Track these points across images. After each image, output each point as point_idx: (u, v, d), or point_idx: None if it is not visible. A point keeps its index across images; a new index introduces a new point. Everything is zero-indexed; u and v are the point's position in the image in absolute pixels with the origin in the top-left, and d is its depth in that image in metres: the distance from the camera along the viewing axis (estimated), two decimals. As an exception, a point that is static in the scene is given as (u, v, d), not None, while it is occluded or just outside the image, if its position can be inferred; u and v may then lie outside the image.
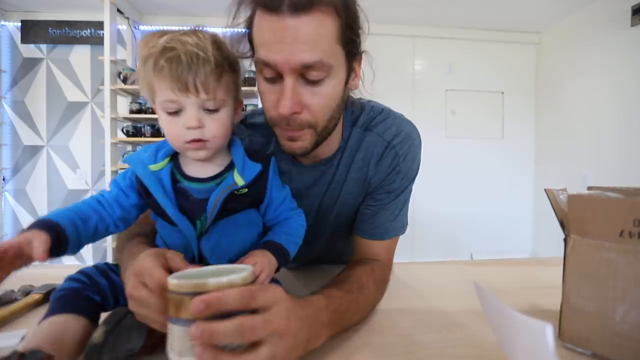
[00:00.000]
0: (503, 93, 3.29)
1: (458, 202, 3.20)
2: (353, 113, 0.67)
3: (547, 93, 3.17)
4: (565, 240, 0.46)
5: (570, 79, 2.88)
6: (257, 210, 0.55)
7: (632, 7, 2.31)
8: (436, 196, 3.06)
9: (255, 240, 0.54)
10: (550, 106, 3.13)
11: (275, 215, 0.55)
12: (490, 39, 3.22)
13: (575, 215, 0.45)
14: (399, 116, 0.69)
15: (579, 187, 0.46)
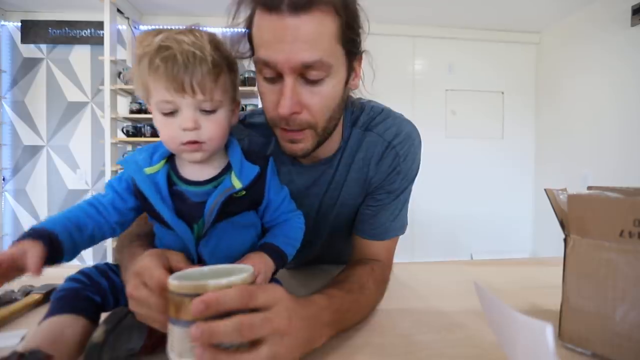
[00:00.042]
0: (503, 93, 3.29)
1: (458, 202, 3.20)
2: (353, 113, 0.67)
3: (547, 93, 3.17)
4: (565, 240, 0.46)
5: (570, 78, 2.88)
6: (256, 211, 0.54)
7: (632, 7, 2.31)
8: (436, 196, 3.06)
9: (254, 241, 0.53)
10: (550, 106, 3.13)
11: (274, 217, 0.55)
12: (491, 38, 3.22)
13: (575, 215, 0.45)
14: (399, 116, 0.69)
15: (579, 187, 0.46)
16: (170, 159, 0.50)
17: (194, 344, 0.33)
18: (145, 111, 2.67)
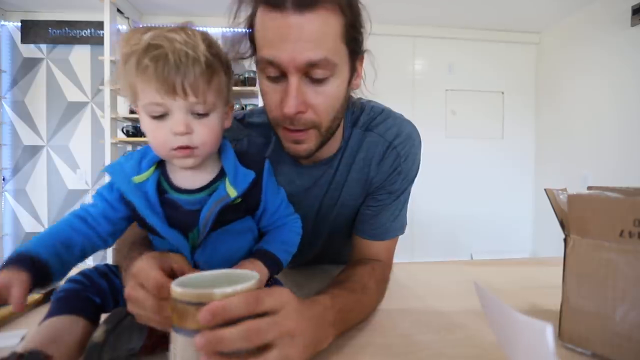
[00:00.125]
0: (503, 93, 3.29)
1: (458, 202, 3.20)
2: (353, 113, 0.67)
3: (547, 93, 3.17)
4: (565, 240, 0.46)
5: (570, 79, 2.88)
6: (252, 216, 0.52)
7: (632, 7, 2.31)
8: (436, 196, 3.06)
9: (251, 245, 0.52)
10: (550, 106, 3.13)
11: (271, 222, 0.53)
12: (491, 39, 3.22)
13: (575, 215, 0.45)
14: (399, 116, 0.69)
15: (579, 187, 0.46)
16: (160, 164, 0.47)
17: (199, 352, 0.31)
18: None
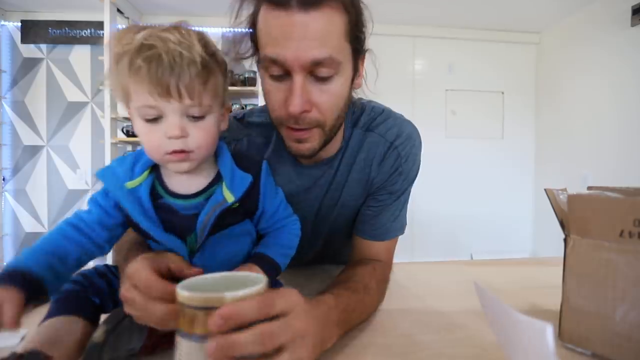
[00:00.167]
0: (503, 93, 3.29)
1: (458, 202, 3.20)
2: (354, 114, 0.67)
3: (547, 93, 3.17)
4: (565, 240, 0.46)
5: (570, 79, 2.88)
6: (250, 219, 0.52)
7: (632, 7, 2.31)
8: (436, 196, 3.06)
9: (249, 248, 0.52)
10: (550, 106, 3.13)
11: (270, 224, 0.53)
12: (491, 39, 3.22)
13: (575, 215, 0.44)
14: (400, 117, 0.69)
15: (579, 188, 0.46)
16: (154, 168, 0.46)
17: (210, 358, 0.30)
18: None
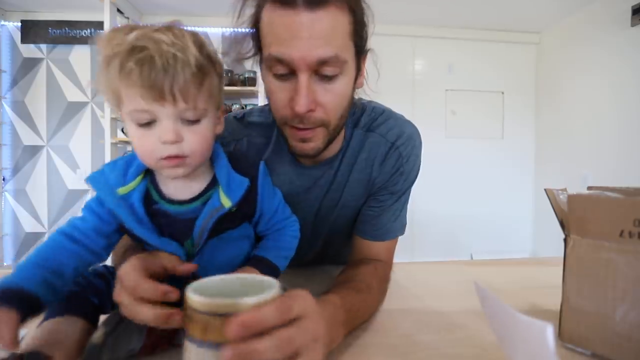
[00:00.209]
0: (503, 93, 3.29)
1: (458, 202, 3.20)
2: (354, 114, 0.66)
3: (547, 93, 3.17)
4: (565, 240, 0.46)
5: (570, 79, 2.88)
6: (249, 222, 0.51)
7: (632, 7, 2.31)
8: (436, 196, 3.06)
9: (248, 251, 0.51)
10: (550, 106, 3.13)
11: (268, 226, 0.53)
12: (491, 39, 3.22)
13: (575, 215, 0.44)
14: (400, 117, 0.69)
15: (579, 187, 0.46)
16: (148, 172, 0.45)
17: None
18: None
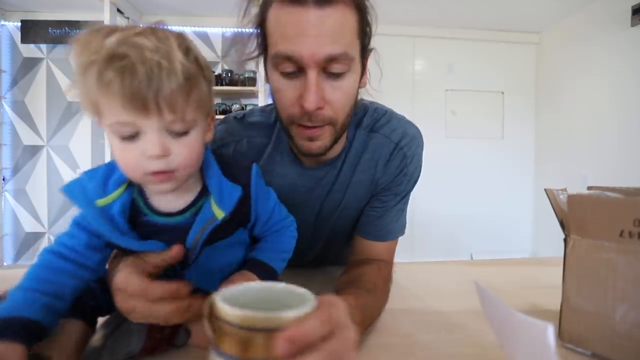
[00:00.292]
0: (503, 93, 3.29)
1: (458, 202, 3.20)
2: (356, 115, 0.66)
3: (547, 93, 3.17)
4: (565, 240, 0.46)
5: (570, 79, 2.88)
6: (244, 227, 0.49)
7: (632, 7, 2.31)
8: (436, 196, 3.06)
9: (245, 255, 0.51)
10: (550, 106, 3.13)
11: (265, 229, 0.52)
12: (491, 39, 3.22)
13: (575, 215, 0.44)
14: (402, 118, 0.69)
15: (579, 188, 0.46)
16: (133, 182, 0.42)
17: None
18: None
